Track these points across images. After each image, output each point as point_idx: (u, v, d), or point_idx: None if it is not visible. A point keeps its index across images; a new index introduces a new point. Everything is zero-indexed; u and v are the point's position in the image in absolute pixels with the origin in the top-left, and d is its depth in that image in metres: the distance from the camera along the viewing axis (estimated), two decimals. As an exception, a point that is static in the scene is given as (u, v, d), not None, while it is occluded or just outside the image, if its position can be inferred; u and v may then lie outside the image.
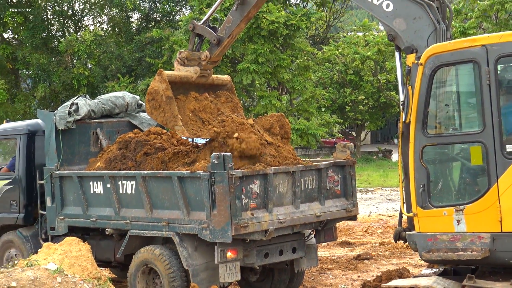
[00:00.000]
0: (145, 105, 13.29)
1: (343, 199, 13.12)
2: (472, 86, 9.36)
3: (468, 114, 9.72)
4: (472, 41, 9.39)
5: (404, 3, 10.36)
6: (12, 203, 14.95)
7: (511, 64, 9.19)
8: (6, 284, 10.56)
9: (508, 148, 8.89)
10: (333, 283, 14.77)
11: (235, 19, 12.82)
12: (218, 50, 13.09)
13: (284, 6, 37.13)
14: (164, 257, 12.26)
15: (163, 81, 12.67)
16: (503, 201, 8.88)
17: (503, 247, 8.93)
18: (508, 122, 9.06)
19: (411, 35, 10.23)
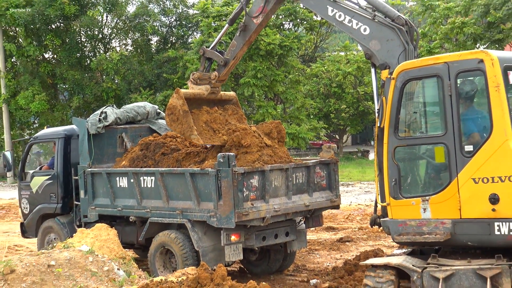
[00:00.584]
0: (165, 119, 13.26)
1: (328, 191, 13.14)
2: (436, 96, 9.31)
3: (433, 120, 9.69)
4: (436, 59, 9.36)
5: (378, 27, 10.36)
6: (51, 195, 14.97)
7: (468, 78, 9.17)
8: (46, 263, 10.56)
9: (466, 148, 8.86)
10: (319, 262, 14.76)
11: (238, 44, 12.80)
12: (225, 70, 13.08)
13: (279, 30, 37.09)
14: (178, 240, 12.30)
15: (179, 98, 12.65)
16: (462, 192, 8.85)
17: (462, 231, 8.91)
18: (466, 127, 9.04)
19: (385, 54, 10.22)
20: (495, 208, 8.63)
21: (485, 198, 8.70)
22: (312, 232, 17.27)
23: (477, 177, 8.75)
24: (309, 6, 11.92)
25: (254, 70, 34.32)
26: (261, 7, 12.19)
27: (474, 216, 8.82)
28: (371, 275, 9.25)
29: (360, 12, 10.64)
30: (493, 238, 8.71)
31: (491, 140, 8.70)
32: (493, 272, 8.64)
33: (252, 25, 12.43)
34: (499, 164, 8.61)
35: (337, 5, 10.89)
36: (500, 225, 8.61)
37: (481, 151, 8.75)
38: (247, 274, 13.69)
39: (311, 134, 38.03)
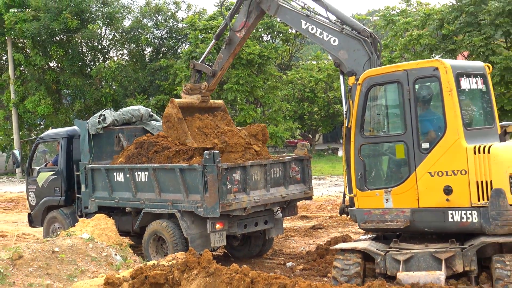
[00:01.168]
0: (162, 126, 13.23)
1: (302, 184, 13.17)
2: (396, 100, 9.35)
3: (394, 121, 9.72)
4: (396, 67, 9.41)
5: (346, 39, 10.38)
6: (56, 189, 14.92)
7: (425, 83, 9.21)
8: (51, 249, 10.51)
9: (423, 145, 8.92)
10: (295, 247, 14.77)
11: (224, 56, 12.78)
12: (214, 80, 13.06)
13: (258, 42, 37.10)
14: (169, 228, 12.30)
15: (174, 107, 12.65)
16: (419, 185, 8.90)
17: (419, 218, 8.96)
18: (423, 127, 9.08)
19: (352, 62, 10.23)
20: (449, 198, 8.70)
21: (440, 189, 8.77)
22: (288, 221, 17.28)
23: (433, 171, 8.82)
24: (285, 20, 11.89)
25: (237, 77, 34.36)
26: (243, 22, 12.21)
27: (430, 205, 8.89)
28: (340, 258, 9.28)
29: (330, 26, 10.69)
30: (447, 225, 8.79)
31: (445, 139, 8.79)
32: (447, 255, 8.70)
33: (236, 38, 12.45)
34: (452, 159, 8.70)
35: (309, 19, 10.94)
36: (453, 213, 8.70)
37: (436, 148, 8.83)
38: (230, 258, 13.69)
39: (287, 134, 38.14)
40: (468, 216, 8.59)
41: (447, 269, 8.61)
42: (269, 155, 13.02)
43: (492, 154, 8.42)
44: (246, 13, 12.15)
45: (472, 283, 8.63)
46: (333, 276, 9.24)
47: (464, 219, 8.61)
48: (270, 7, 11.62)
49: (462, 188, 8.63)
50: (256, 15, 12.17)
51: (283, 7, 11.43)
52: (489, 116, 9.72)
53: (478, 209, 8.51)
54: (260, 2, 11.77)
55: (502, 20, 25.98)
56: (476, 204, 8.52)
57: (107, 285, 8.83)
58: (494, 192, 8.36)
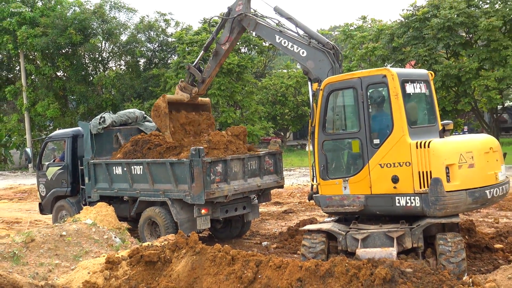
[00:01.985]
0: (151, 113, 13.58)
1: (275, 175, 13.19)
2: (352, 103, 9.41)
3: (350, 120, 9.77)
4: (352, 74, 9.42)
5: (313, 51, 10.49)
6: (63, 181, 14.82)
7: (376, 89, 9.27)
8: (59, 233, 10.45)
9: (375, 141, 8.97)
10: (269, 228, 14.79)
11: (212, 65, 12.95)
12: (203, 86, 13.22)
13: (237, 53, 37.09)
14: (161, 214, 12.26)
15: (164, 102, 13.02)
16: (372, 174, 8.96)
17: (372, 203, 9.03)
18: (374, 125, 9.12)
19: (318, 71, 10.32)
20: (396, 186, 8.76)
21: (388, 178, 8.82)
22: (263, 206, 17.30)
23: (382, 163, 8.87)
24: (262, 35, 12.22)
25: (219, 84, 34.37)
26: (227, 37, 12.43)
27: (381, 192, 8.95)
28: (308, 238, 9.33)
29: (299, 39, 10.83)
30: (395, 208, 8.85)
31: (392, 135, 8.85)
32: (398, 234, 8.76)
33: (221, 50, 12.65)
34: (398, 153, 8.76)
35: (282, 34, 11.13)
36: (399, 198, 8.76)
37: (386, 143, 8.89)
38: (214, 239, 13.66)
39: (262, 132, 38.16)
40: (412, 201, 8.65)
41: (398, 245, 8.67)
42: (247, 151, 13.02)
43: (431, 148, 8.48)
44: (230, 29, 12.34)
45: (420, 257, 8.70)
46: (302, 253, 9.27)
47: (408, 204, 8.67)
48: (249, 24, 11.90)
49: (406, 177, 8.69)
50: (238, 31, 12.40)
51: (260, 24, 11.69)
52: (431, 116, 9.79)
53: (420, 195, 8.57)
54: (241, 20, 12.02)
55: (443, 34, 26.24)
56: (418, 191, 8.58)
57: (108, 264, 8.78)
58: (433, 181, 8.43)
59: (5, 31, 40.22)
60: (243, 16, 12.02)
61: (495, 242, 10.38)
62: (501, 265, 9.01)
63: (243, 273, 7.50)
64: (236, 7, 12.17)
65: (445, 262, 8.28)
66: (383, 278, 6.72)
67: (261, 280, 7.38)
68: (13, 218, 18.75)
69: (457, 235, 8.56)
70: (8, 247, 9.68)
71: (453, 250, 8.32)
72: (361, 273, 6.88)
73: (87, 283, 8.40)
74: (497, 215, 14.29)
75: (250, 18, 11.91)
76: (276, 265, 7.48)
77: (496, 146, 9.18)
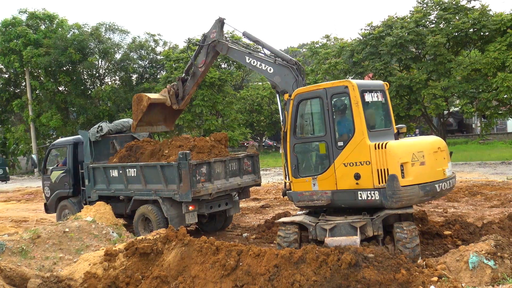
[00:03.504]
0: (133, 97, 13.53)
1: (253, 174, 13.17)
2: (319, 110, 9.42)
3: (317, 126, 9.76)
4: (318, 86, 9.45)
5: (279, 67, 10.54)
6: (65, 183, 14.63)
7: (340, 98, 9.25)
8: (62, 229, 10.29)
9: (339, 143, 9.00)
10: (249, 221, 14.76)
11: (190, 84, 13.09)
12: (183, 102, 13.33)
13: (218, 68, 37.07)
14: (153, 211, 12.14)
15: (148, 100, 13.13)
16: (337, 172, 8.99)
17: (338, 197, 9.05)
18: (339, 130, 9.14)
19: (284, 84, 10.34)
20: (358, 182, 8.78)
21: (351, 176, 8.84)
22: (243, 202, 17.27)
23: (346, 162, 8.89)
24: (234, 57, 12.16)
25: (202, 95, 34.35)
26: (203, 60, 12.58)
27: (345, 187, 8.96)
28: (282, 229, 9.32)
29: (266, 59, 10.92)
30: (358, 202, 8.88)
31: (354, 139, 8.89)
32: (361, 224, 8.79)
33: (198, 72, 12.79)
34: (359, 153, 8.79)
35: (251, 55, 11.22)
36: (361, 193, 8.79)
37: (348, 145, 8.91)
38: (200, 232, 13.60)
39: (241, 137, 38.21)
40: (372, 195, 8.69)
41: (361, 234, 8.70)
42: (229, 154, 12.98)
43: (388, 149, 8.54)
44: (206, 53, 12.50)
45: (380, 244, 8.74)
46: (277, 243, 9.25)
47: (369, 197, 8.71)
48: (222, 49, 12.09)
49: (367, 174, 8.73)
50: (213, 55, 12.59)
51: (232, 48, 11.85)
52: (387, 121, 9.83)
53: (379, 190, 8.61)
54: (215, 45, 12.22)
55: (396, 50, 26.47)
56: (377, 186, 8.62)
57: (106, 256, 8.65)
58: (390, 177, 8.47)
59: (12, 51, 39.99)
60: (216, 42, 12.16)
61: (445, 229, 10.47)
62: (450, 249, 9.08)
63: (226, 262, 7.45)
64: (211, 34, 12.27)
65: (401, 248, 8.33)
66: (348, 262, 6.72)
67: (242, 267, 7.34)
68: (21, 217, 18.46)
69: (411, 223, 8.62)
70: (17, 243, 9.51)
71: (409, 237, 8.38)
72: (330, 259, 6.87)
73: (88, 274, 8.27)
74: (445, 206, 14.45)
75: (222, 44, 12.07)
76: (255, 254, 7.44)
77: (443, 146, 9.30)
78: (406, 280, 6.49)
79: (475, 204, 14.52)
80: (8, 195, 27.62)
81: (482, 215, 12.77)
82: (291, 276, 6.87)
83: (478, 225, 10.57)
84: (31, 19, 41.54)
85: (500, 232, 8.54)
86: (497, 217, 11.70)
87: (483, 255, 7.17)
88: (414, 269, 6.69)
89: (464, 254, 7.41)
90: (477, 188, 16.85)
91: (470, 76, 25.24)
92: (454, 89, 25.22)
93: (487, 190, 16.37)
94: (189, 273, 7.70)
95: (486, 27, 25.00)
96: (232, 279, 7.28)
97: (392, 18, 28.52)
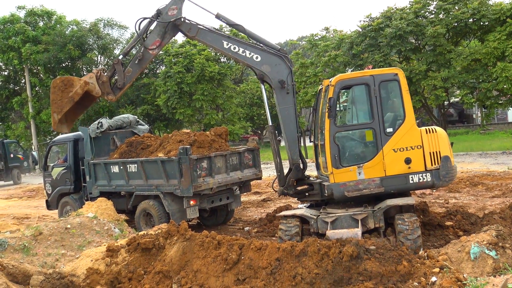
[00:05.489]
0: (55, 81, 10.80)
1: (253, 168, 13.17)
2: (364, 97, 9.14)
3: (363, 113, 9.48)
4: (364, 73, 9.27)
5: (268, 55, 10.02)
6: (66, 180, 14.62)
7: (387, 85, 9.12)
8: (64, 226, 10.31)
9: (388, 130, 8.94)
10: (250, 215, 14.76)
11: (134, 70, 10.86)
12: (120, 93, 11.01)
13: (217, 63, 37.00)
14: (155, 206, 12.15)
15: (81, 89, 10.76)
16: (386, 159, 8.91)
17: (387, 183, 8.91)
18: (387, 116, 9.09)
19: (275, 74, 9.92)
20: (410, 166, 8.89)
21: (402, 160, 8.89)
22: (244, 196, 17.27)
23: (396, 148, 8.91)
24: (206, 41, 10.31)
25: (202, 90, 34.30)
26: (158, 41, 10.54)
27: (395, 173, 8.92)
28: (284, 222, 9.27)
29: (251, 45, 10.13)
30: (409, 185, 8.97)
31: (404, 124, 8.96)
32: (362, 216, 8.79)
33: (149, 55, 10.70)
34: (410, 138, 8.92)
35: (231, 39, 10.23)
36: (413, 176, 8.90)
37: (398, 131, 8.95)
38: (202, 226, 13.61)
39: (241, 131, 38.19)
40: (424, 177, 8.90)
41: (362, 226, 8.70)
42: (229, 148, 12.96)
43: (438, 133, 9.00)
44: (162, 33, 10.49)
45: (381, 236, 8.74)
46: (279, 236, 9.21)
47: (421, 180, 8.90)
48: (190, 29, 10.27)
49: (418, 158, 8.90)
50: (171, 36, 10.73)
51: (203, 30, 10.26)
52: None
53: (431, 172, 8.88)
54: (180, 25, 10.34)
55: (395, 42, 26.39)
56: (430, 168, 8.90)
57: (108, 252, 8.67)
58: (443, 158, 8.89)
59: (11, 48, 39.89)
60: (181, 21, 10.31)
61: (446, 220, 10.49)
62: (451, 240, 9.09)
63: (228, 256, 7.46)
64: (169, 11, 10.37)
65: (403, 239, 8.32)
66: (350, 255, 6.73)
67: (244, 261, 7.35)
68: (23, 214, 18.49)
69: (413, 215, 8.61)
70: (19, 240, 9.53)
71: (410, 229, 8.37)
72: (331, 252, 6.88)
73: (90, 270, 8.29)
74: (447, 197, 14.44)
75: (190, 23, 10.22)
76: (257, 247, 7.44)
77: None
78: (407, 272, 6.50)
79: (476, 194, 14.52)
80: (10, 192, 27.69)
81: (483, 205, 12.77)
82: (293, 269, 6.88)
83: (480, 215, 10.57)
84: (29, 16, 41.42)
85: (502, 222, 8.53)
86: (498, 207, 11.69)
87: (485, 246, 7.18)
88: (415, 261, 6.70)
89: (465, 245, 7.42)
90: (478, 179, 16.84)
91: (470, 67, 25.17)
92: (454, 79, 25.16)
93: (488, 180, 16.35)
94: (191, 267, 7.72)
95: (485, 16, 24.91)
96: (234, 273, 7.29)
97: (391, 9, 28.42)
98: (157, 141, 13.14)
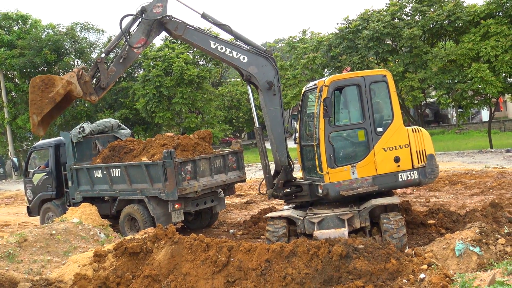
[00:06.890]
0: (35, 80, 9.88)
1: (237, 171, 13.20)
2: (356, 98, 9.28)
3: (354, 113, 9.62)
4: (355, 74, 9.42)
5: (254, 57, 9.98)
6: (48, 186, 14.45)
7: (377, 86, 9.28)
8: (49, 232, 10.20)
9: (378, 129, 9.14)
10: (234, 217, 14.78)
11: (118, 69, 10.32)
12: (103, 93, 10.35)
13: (196, 66, 36.92)
14: (139, 210, 12.11)
15: (63, 90, 9.88)
16: (377, 158, 9.09)
17: (379, 182, 9.08)
18: (377, 116, 9.24)
19: (262, 75, 9.91)
20: (399, 164, 9.13)
21: (391, 159, 9.11)
22: (228, 198, 17.28)
23: (386, 147, 9.12)
24: (193, 40, 10.06)
25: (181, 93, 34.18)
26: (143, 39, 10.15)
27: (386, 171, 9.11)
28: (271, 224, 9.32)
29: (238, 45, 10.06)
30: (398, 183, 9.22)
31: (393, 124, 9.21)
32: (348, 216, 8.89)
33: (133, 54, 10.32)
34: (399, 138, 9.19)
35: (218, 40, 10.15)
36: (401, 174, 9.15)
37: (388, 131, 9.17)
38: (186, 230, 13.58)
39: (221, 134, 38.09)
40: (411, 175, 9.18)
41: (349, 226, 8.81)
42: (213, 151, 12.98)
43: (423, 132, 9.37)
44: (147, 31, 10.11)
45: (367, 235, 8.85)
46: (267, 237, 9.26)
47: (409, 177, 9.17)
48: (177, 28, 10.00)
49: (406, 157, 9.16)
50: (157, 34, 10.28)
51: (189, 29, 10.05)
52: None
53: (418, 169, 9.19)
54: (166, 23, 10.03)
55: (373, 44, 26.68)
56: (417, 166, 9.20)
57: (96, 257, 8.61)
58: (429, 156, 9.24)
59: (-16, 53, 39.13)
60: (167, 19, 10.02)
61: (428, 219, 10.67)
62: (434, 238, 9.28)
63: (217, 258, 7.48)
64: (154, 8, 10.05)
65: (389, 238, 8.45)
66: (339, 254, 6.82)
67: (234, 263, 7.38)
68: (2, 221, 18.17)
69: (398, 214, 8.75)
70: (3, 247, 9.40)
71: (395, 227, 8.51)
72: (320, 251, 6.96)
73: (78, 275, 8.23)
74: (427, 196, 14.67)
75: (177, 22, 9.98)
76: (246, 249, 7.48)
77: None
78: (396, 269, 6.61)
79: (456, 193, 14.78)
80: (-13, 200, 27.15)
81: (463, 203, 13.02)
82: (283, 269, 6.94)
83: (460, 213, 10.79)
84: (4, 20, 40.80)
85: (483, 220, 8.73)
86: (478, 205, 11.94)
87: (469, 242, 7.34)
88: (403, 258, 6.82)
89: (450, 242, 7.57)
90: (457, 177, 17.15)
91: (446, 67, 25.59)
92: (431, 80, 25.54)
93: (467, 179, 16.66)
94: (180, 270, 7.71)
95: (460, 18, 25.36)
96: (224, 275, 7.32)
97: (368, 12, 28.73)
98: (140, 145, 13.08)
